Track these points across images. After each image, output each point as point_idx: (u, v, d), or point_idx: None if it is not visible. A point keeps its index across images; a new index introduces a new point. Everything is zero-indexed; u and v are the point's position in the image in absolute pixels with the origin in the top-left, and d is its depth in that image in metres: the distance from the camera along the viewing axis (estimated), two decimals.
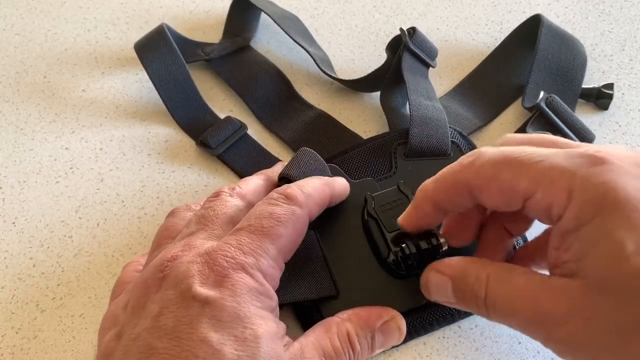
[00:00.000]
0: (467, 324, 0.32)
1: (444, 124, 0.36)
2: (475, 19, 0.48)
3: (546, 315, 0.23)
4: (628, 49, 0.46)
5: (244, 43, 0.45)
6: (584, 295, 0.22)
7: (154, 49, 0.41)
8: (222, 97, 0.43)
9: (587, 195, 0.22)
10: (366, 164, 0.35)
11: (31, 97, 0.43)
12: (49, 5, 0.49)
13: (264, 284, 0.25)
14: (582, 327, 0.22)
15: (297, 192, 0.28)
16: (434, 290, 0.27)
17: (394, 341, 0.29)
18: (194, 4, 0.49)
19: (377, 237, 0.31)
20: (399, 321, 0.29)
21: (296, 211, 0.27)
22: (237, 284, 0.24)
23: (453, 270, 0.27)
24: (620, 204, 0.21)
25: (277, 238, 0.26)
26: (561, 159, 0.23)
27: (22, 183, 0.38)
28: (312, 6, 0.49)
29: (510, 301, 0.24)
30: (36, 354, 0.32)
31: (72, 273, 0.34)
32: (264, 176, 0.33)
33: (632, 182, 0.22)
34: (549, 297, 0.23)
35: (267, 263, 0.26)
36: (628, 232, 0.21)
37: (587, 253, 0.22)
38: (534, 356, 0.31)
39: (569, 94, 0.41)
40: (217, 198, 0.30)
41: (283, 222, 0.27)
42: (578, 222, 0.22)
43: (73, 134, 0.41)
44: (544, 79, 0.42)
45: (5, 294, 0.34)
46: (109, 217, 0.37)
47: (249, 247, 0.25)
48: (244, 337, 0.23)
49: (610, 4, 0.49)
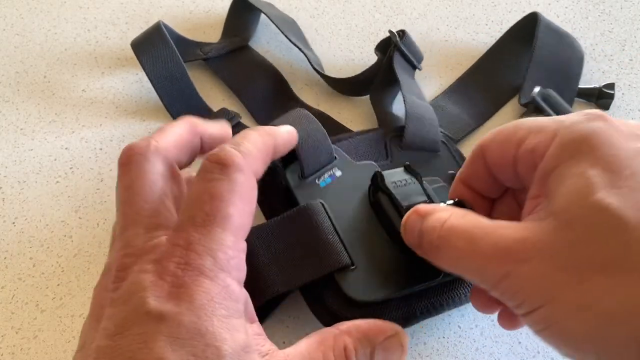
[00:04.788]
0: (467, 324, 0.32)
1: (435, 123, 0.37)
2: (475, 19, 0.48)
3: (509, 251, 0.21)
4: (628, 49, 0.46)
5: (243, 43, 0.45)
6: (551, 231, 0.21)
7: (151, 45, 0.41)
8: (221, 97, 0.43)
9: (570, 136, 0.22)
10: (363, 151, 0.36)
11: (31, 97, 0.43)
12: (49, 5, 0.49)
13: (228, 285, 0.22)
14: (545, 265, 0.20)
15: (232, 154, 0.24)
16: (409, 229, 0.26)
17: (395, 359, 0.27)
18: (194, 4, 0.49)
19: (390, 213, 0.30)
20: (403, 338, 0.27)
21: (238, 179, 0.23)
22: (196, 294, 0.21)
23: (426, 210, 0.26)
24: (601, 146, 0.21)
25: (227, 221, 0.23)
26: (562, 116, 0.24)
27: (22, 183, 0.38)
28: (312, 6, 0.49)
29: (472, 237, 0.23)
30: (36, 354, 0.32)
31: (72, 273, 0.34)
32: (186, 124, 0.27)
33: (617, 134, 0.22)
34: (514, 232, 0.22)
35: (225, 256, 0.22)
36: (601, 171, 0.21)
37: (557, 189, 0.22)
38: (534, 356, 0.31)
39: (566, 91, 0.41)
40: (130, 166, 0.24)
41: (227, 199, 0.23)
42: (557, 162, 0.22)
43: (73, 133, 0.41)
44: (541, 77, 0.42)
45: (5, 294, 0.34)
46: (108, 217, 0.37)
47: (200, 245, 0.22)
48: (204, 355, 0.21)
49: (610, 4, 0.49)
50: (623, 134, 0.22)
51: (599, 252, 0.20)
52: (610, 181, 0.20)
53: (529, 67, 0.42)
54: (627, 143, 0.22)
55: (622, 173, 0.21)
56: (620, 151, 0.21)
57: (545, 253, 0.21)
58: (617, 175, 0.21)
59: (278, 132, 0.28)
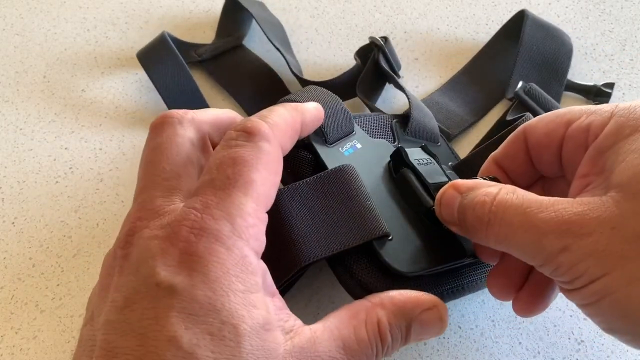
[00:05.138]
0: (467, 324, 0.32)
1: (432, 116, 0.38)
2: (476, 19, 0.48)
3: (568, 224, 0.20)
4: (629, 49, 0.46)
5: (237, 43, 0.45)
6: (614, 205, 0.20)
7: (159, 58, 0.41)
8: (220, 98, 0.43)
9: (628, 115, 0.22)
10: (373, 131, 0.35)
11: (31, 97, 0.43)
12: (48, 5, 0.49)
13: (245, 255, 0.20)
14: (607, 237, 0.20)
15: (259, 124, 0.23)
16: (445, 205, 0.24)
17: (433, 333, 0.25)
18: (194, 4, 0.49)
19: (417, 189, 0.29)
20: (442, 310, 0.25)
21: (263, 147, 0.22)
22: (210, 265, 0.19)
23: (467, 186, 0.24)
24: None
25: (250, 186, 0.21)
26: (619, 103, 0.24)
27: (22, 183, 0.38)
28: (312, 6, 0.49)
29: (526, 211, 0.21)
30: (36, 354, 0.31)
31: (72, 273, 0.34)
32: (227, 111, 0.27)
33: None
34: (572, 207, 0.21)
35: (245, 222, 0.21)
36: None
37: (619, 164, 0.21)
38: (534, 356, 0.31)
39: (554, 85, 0.42)
40: (162, 129, 0.23)
41: (251, 165, 0.22)
42: (615, 139, 0.22)
43: (72, 133, 0.41)
44: (529, 71, 0.42)
45: (4, 294, 0.34)
46: (108, 217, 0.37)
47: (218, 209, 0.20)
48: (221, 335, 0.19)
49: (610, 4, 0.49)
50: None
51: None
52: None
53: (516, 62, 0.42)
54: None
55: None
56: None
57: (607, 225, 0.20)
58: None
59: (305, 108, 0.27)
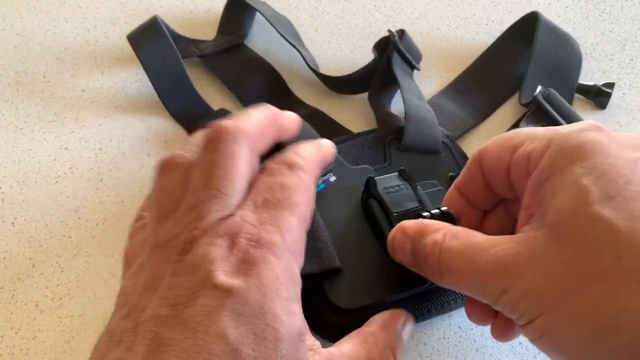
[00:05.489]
0: (467, 324, 0.32)
1: (436, 124, 0.37)
2: (476, 19, 0.48)
3: (505, 267, 0.21)
4: (629, 49, 0.46)
5: (238, 41, 0.45)
6: (545, 243, 0.21)
7: (148, 40, 0.41)
8: (219, 96, 0.43)
9: (564, 145, 0.22)
10: (361, 154, 0.36)
11: (30, 97, 0.43)
12: (48, 5, 0.49)
13: (292, 267, 0.23)
14: (541, 277, 0.21)
15: (297, 158, 0.26)
16: (397, 248, 0.27)
17: (407, 341, 0.29)
18: (194, 4, 0.49)
19: (380, 219, 0.30)
20: (411, 322, 0.29)
21: (303, 177, 0.25)
22: (264, 272, 0.22)
23: (413, 230, 0.26)
24: (595, 155, 0.21)
25: (296, 208, 0.24)
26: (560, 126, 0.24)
27: (22, 183, 0.38)
28: (312, 6, 0.49)
29: (469, 257, 0.23)
30: (35, 354, 0.31)
31: (72, 273, 0.34)
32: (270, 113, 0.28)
33: (613, 144, 0.22)
34: (509, 247, 0.22)
35: (293, 238, 0.23)
36: (596, 180, 0.21)
37: (553, 199, 0.21)
38: (534, 357, 0.31)
39: (564, 92, 0.41)
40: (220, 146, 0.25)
41: (296, 190, 0.24)
42: (551, 170, 0.22)
43: (72, 133, 0.41)
44: (541, 77, 0.42)
45: (4, 294, 0.34)
46: (108, 217, 0.37)
47: (272, 224, 0.23)
48: (263, 335, 0.21)
49: (610, 4, 0.49)
50: (619, 144, 0.22)
51: (592, 263, 0.20)
52: (603, 191, 0.20)
53: (528, 67, 0.41)
54: (623, 153, 0.22)
55: (616, 182, 0.20)
56: (615, 160, 0.21)
57: (540, 265, 0.21)
58: (611, 185, 0.20)
59: (326, 146, 0.30)
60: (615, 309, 0.19)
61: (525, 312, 0.21)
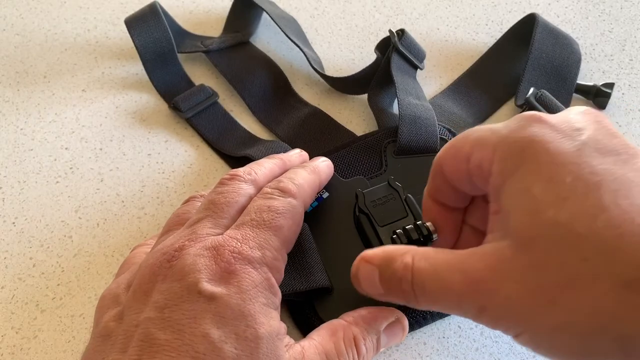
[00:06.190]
0: (467, 323, 0.32)
1: (433, 122, 0.37)
2: (476, 19, 0.48)
3: (480, 282, 0.21)
4: (628, 49, 0.46)
5: (244, 39, 0.45)
6: (512, 255, 0.21)
7: (143, 19, 0.42)
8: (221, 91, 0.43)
9: (508, 150, 0.22)
10: (357, 163, 0.36)
11: (31, 97, 0.43)
12: (49, 5, 0.49)
13: (270, 278, 0.25)
14: (514, 292, 0.20)
15: (290, 184, 0.29)
16: (364, 280, 0.26)
17: (397, 340, 0.29)
18: (194, 4, 0.49)
19: (369, 232, 0.31)
20: (404, 321, 0.29)
21: (292, 202, 0.28)
22: (243, 280, 0.24)
23: (379, 258, 0.25)
24: (540, 154, 0.21)
25: (279, 229, 0.27)
26: (501, 124, 0.24)
27: (22, 183, 0.38)
28: (312, 6, 0.49)
29: (440, 277, 0.22)
30: (36, 354, 0.32)
31: (72, 273, 0.34)
32: (280, 162, 0.32)
33: (556, 136, 0.22)
34: (477, 262, 0.22)
35: (272, 255, 0.26)
36: (546, 184, 0.20)
37: (512, 207, 0.21)
38: (534, 356, 0.31)
39: (562, 93, 0.41)
40: (231, 183, 0.29)
41: (282, 214, 0.27)
42: (502, 178, 0.22)
43: (73, 134, 0.41)
44: (538, 78, 0.42)
45: (5, 294, 0.34)
46: (108, 217, 0.37)
47: (254, 241, 0.26)
48: (244, 335, 0.23)
49: (610, 4, 0.49)
50: (561, 133, 0.22)
51: (561, 270, 0.20)
52: (555, 193, 0.20)
53: (525, 68, 0.42)
54: (566, 143, 0.21)
55: (565, 182, 0.20)
56: (559, 156, 0.21)
57: (511, 279, 0.21)
58: (561, 186, 0.20)
59: (321, 170, 0.32)
60: (594, 311, 0.19)
61: (509, 328, 0.21)
